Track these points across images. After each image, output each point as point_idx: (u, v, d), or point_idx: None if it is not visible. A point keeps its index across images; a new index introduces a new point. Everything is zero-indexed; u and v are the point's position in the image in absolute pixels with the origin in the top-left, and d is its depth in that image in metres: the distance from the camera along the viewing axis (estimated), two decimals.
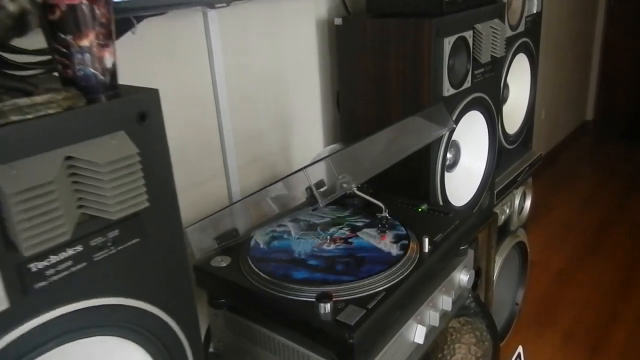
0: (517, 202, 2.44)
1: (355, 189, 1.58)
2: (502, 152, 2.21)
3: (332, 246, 1.38)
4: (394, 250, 1.34)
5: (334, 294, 1.16)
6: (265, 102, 1.77)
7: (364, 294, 1.19)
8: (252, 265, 1.32)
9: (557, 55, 4.28)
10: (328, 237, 1.42)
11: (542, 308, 2.75)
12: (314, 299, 1.16)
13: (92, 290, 0.66)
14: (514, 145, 2.44)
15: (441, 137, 1.77)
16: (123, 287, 0.70)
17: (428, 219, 1.53)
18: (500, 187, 2.24)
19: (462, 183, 1.98)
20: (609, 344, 2.49)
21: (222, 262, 1.37)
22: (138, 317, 0.72)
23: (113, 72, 0.64)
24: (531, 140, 2.68)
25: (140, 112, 0.65)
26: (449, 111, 1.72)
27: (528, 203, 2.56)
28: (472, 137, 2.01)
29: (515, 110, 2.48)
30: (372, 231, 1.43)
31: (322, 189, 1.26)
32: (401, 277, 1.24)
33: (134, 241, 0.68)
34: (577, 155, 4.59)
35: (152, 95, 0.66)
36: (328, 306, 1.14)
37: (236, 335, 1.37)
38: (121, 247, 0.69)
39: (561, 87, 4.56)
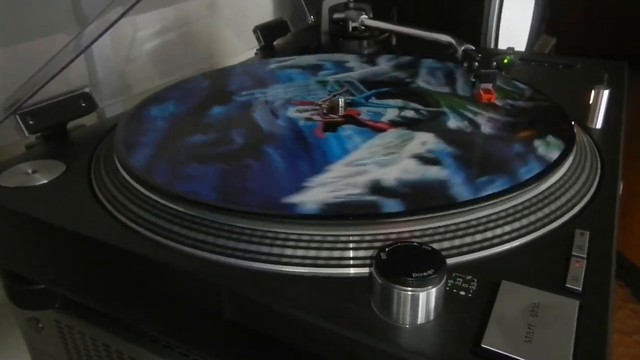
0: None
1: (365, 17, 0.72)
2: None
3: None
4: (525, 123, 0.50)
5: (428, 247, 0.31)
6: None
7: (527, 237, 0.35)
8: (128, 174, 0.43)
9: None
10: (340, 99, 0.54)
11: None
12: (365, 267, 0.31)
13: None
14: None
15: None
16: None
17: (538, 74, 0.71)
18: None
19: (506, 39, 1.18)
20: None
21: (39, 175, 0.47)
22: None
23: None
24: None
25: None
26: None
27: None
28: None
29: None
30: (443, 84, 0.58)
31: None
32: (589, 196, 0.42)
33: None
34: None
35: None
36: (428, 296, 0.29)
37: None
38: None
39: None
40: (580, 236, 0.35)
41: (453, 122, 0.49)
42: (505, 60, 0.74)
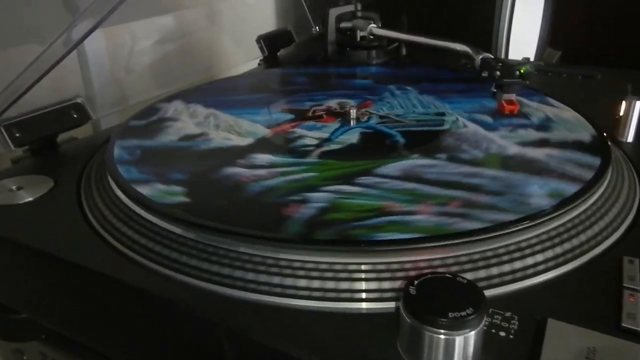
0: None
1: (374, 26, 0.69)
2: None
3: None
4: (556, 138, 0.47)
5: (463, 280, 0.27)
6: None
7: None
8: (121, 192, 0.39)
9: None
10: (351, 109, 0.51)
11: None
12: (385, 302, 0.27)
13: None
14: None
15: None
16: None
17: (556, 85, 0.68)
18: None
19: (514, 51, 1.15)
20: None
21: (24, 192, 0.43)
22: None
23: None
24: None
25: None
26: None
27: None
28: None
29: None
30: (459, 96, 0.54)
31: None
32: (631, 217, 0.38)
33: None
34: None
35: None
36: (466, 341, 0.24)
37: None
38: None
39: None
40: (629, 264, 0.31)
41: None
42: (522, 71, 0.70)
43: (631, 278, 0.30)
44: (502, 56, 0.99)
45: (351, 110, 0.50)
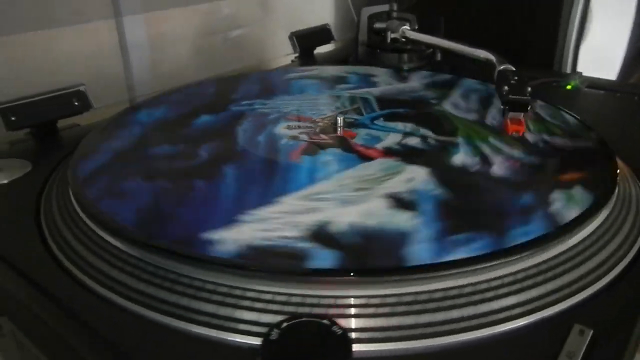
0: None
1: (407, 28, 0.65)
2: None
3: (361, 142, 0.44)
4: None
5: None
6: None
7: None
8: (80, 198, 0.39)
9: None
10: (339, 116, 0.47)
11: None
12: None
13: None
14: None
15: None
16: None
17: (606, 105, 0.59)
18: None
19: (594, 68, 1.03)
20: None
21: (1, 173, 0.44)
22: None
23: None
24: None
25: None
26: None
27: None
28: None
29: None
30: (464, 109, 0.49)
31: None
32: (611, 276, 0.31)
33: None
34: None
35: None
36: None
37: None
38: None
39: None
40: (577, 336, 0.25)
41: (460, 157, 0.40)
42: (569, 86, 0.63)
43: (570, 355, 0.24)
44: (569, 71, 0.89)
45: (338, 118, 0.46)
